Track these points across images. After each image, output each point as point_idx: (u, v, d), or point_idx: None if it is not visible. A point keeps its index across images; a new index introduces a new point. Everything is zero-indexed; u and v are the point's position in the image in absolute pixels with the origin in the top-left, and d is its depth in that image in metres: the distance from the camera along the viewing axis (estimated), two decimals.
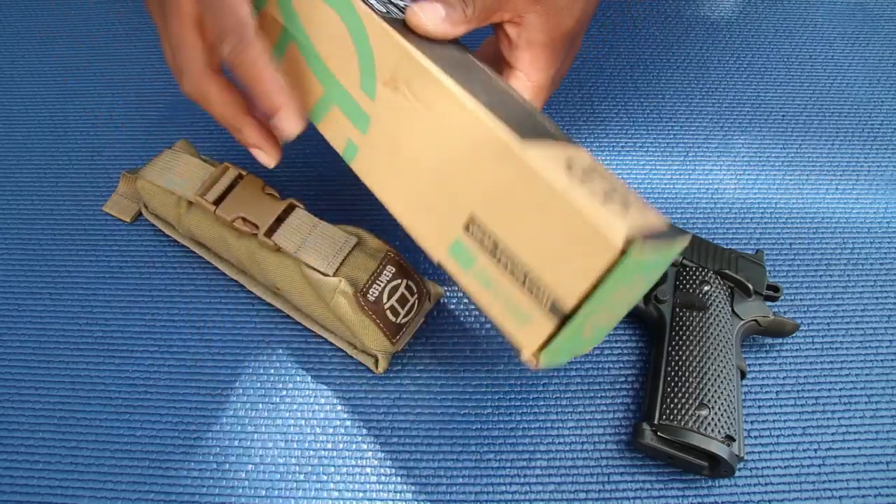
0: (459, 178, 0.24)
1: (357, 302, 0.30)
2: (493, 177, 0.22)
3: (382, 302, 0.30)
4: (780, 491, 0.31)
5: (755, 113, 0.45)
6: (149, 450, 0.32)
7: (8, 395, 0.33)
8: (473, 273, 0.24)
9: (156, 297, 0.36)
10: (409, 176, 0.26)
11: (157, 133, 0.43)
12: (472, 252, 0.24)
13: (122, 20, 0.50)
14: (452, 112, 0.23)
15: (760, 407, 0.33)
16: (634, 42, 0.48)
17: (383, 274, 0.30)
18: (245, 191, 0.34)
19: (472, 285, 0.24)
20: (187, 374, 0.34)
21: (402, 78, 0.25)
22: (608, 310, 0.22)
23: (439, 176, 0.24)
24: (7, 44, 0.48)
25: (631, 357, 0.35)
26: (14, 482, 0.31)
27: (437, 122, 0.24)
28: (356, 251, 0.31)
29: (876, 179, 0.42)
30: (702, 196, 0.41)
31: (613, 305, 0.22)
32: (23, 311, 0.36)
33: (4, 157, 0.42)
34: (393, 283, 0.30)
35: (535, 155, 0.21)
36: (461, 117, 0.23)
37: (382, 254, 0.31)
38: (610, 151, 0.43)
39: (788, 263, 0.38)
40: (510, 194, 0.22)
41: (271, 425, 0.32)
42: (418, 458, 0.32)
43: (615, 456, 0.32)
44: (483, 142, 0.22)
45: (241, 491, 0.31)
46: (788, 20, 0.50)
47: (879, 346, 0.35)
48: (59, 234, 0.39)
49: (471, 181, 0.23)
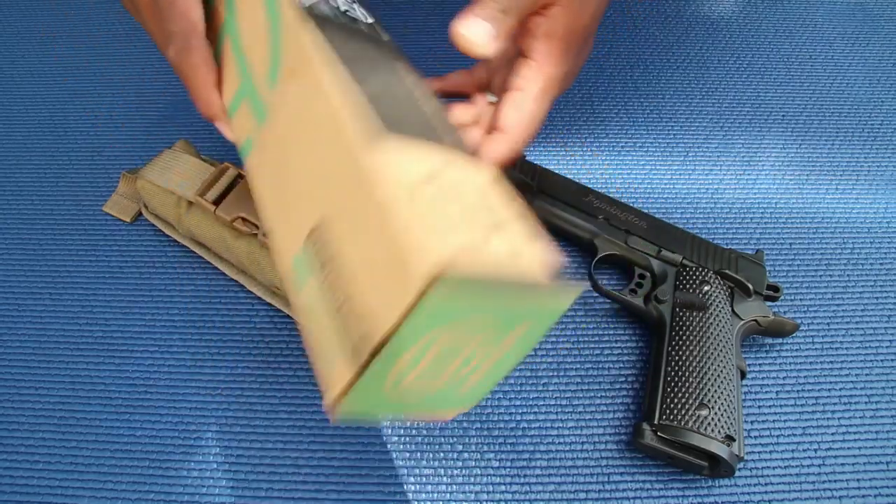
0: (316, 177, 0.20)
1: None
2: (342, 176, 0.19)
3: None
4: (780, 491, 0.31)
5: (755, 113, 0.45)
6: (149, 450, 0.32)
7: (8, 394, 0.33)
8: (304, 294, 0.20)
9: (156, 296, 0.36)
10: (279, 171, 0.23)
11: (156, 133, 0.43)
12: (309, 266, 0.20)
13: (122, 20, 0.50)
14: (319, 103, 0.20)
15: (760, 407, 0.33)
16: (634, 42, 0.48)
17: None
18: (245, 191, 0.34)
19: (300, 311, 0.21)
20: (187, 374, 0.34)
21: (298, 66, 0.22)
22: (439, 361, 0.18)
23: (301, 175, 0.21)
24: (7, 44, 0.48)
25: (631, 357, 0.35)
26: (14, 482, 0.31)
27: (308, 114, 0.21)
28: None
29: (876, 179, 0.42)
30: (702, 196, 0.41)
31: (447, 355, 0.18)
32: (23, 310, 0.36)
33: (5, 157, 0.42)
34: None
35: (383, 158, 0.18)
36: (324, 108, 0.20)
37: None
38: (610, 151, 0.43)
39: (788, 263, 0.38)
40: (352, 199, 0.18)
41: (270, 425, 0.32)
42: (419, 458, 0.32)
43: (615, 456, 0.32)
44: (336, 137, 0.19)
45: (241, 491, 0.31)
46: (788, 20, 0.50)
47: (879, 345, 0.35)
48: (60, 233, 0.39)
49: (325, 181, 0.20)
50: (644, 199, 0.41)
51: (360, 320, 0.17)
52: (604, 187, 0.41)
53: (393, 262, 0.16)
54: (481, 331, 0.18)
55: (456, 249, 0.16)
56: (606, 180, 0.41)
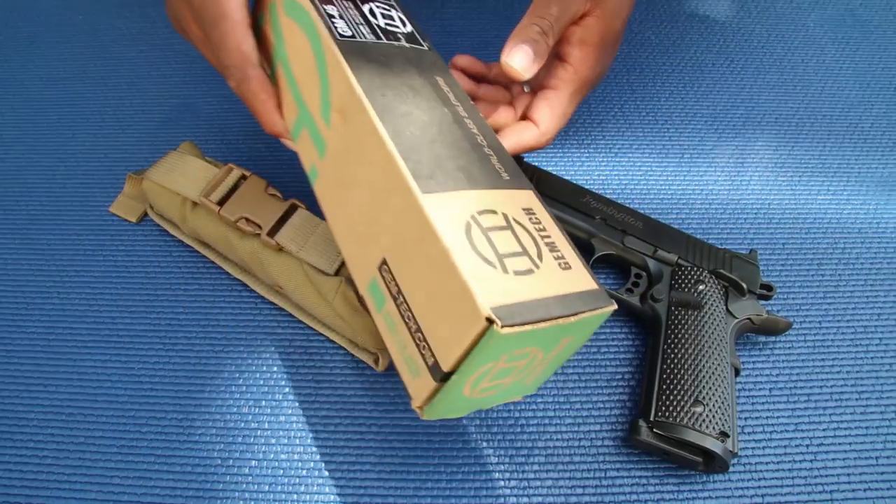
0: (379, 217, 0.23)
1: (358, 301, 0.31)
2: (400, 221, 0.22)
3: None
4: (773, 486, 0.31)
5: (749, 115, 0.45)
6: (154, 446, 0.32)
7: (17, 391, 0.34)
8: (383, 314, 0.23)
9: (161, 296, 0.37)
10: (346, 207, 0.26)
11: (162, 135, 0.44)
12: (384, 293, 0.23)
13: (129, 24, 0.50)
14: (377, 149, 0.23)
15: (754, 403, 0.34)
16: (630, 46, 0.49)
17: None
18: (248, 191, 0.34)
19: (381, 326, 0.24)
20: (192, 372, 0.35)
21: (347, 108, 0.25)
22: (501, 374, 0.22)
23: (364, 212, 0.24)
24: (18, 49, 0.49)
25: (627, 355, 0.35)
26: (24, 476, 0.32)
27: (367, 156, 0.24)
28: None
29: (866, 181, 0.42)
30: (696, 197, 0.41)
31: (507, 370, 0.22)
32: (31, 309, 0.37)
33: (15, 159, 0.43)
34: None
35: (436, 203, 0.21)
36: (381, 155, 0.23)
37: None
38: (606, 154, 0.43)
39: (781, 263, 0.39)
40: (411, 242, 0.21)
41: (274, 422, 0.33)
42: (418, 455, 0.32)
43: (612, 452, 0.32)
44: (394, 184, 0.22)
45: (245, 487, 0.31)
46: (781, 25, 0.51)
47: (870, 343, 0.36)
48: (67, 234, 0.40)
49: (386, 222, 0.23)
50: (640, 200, 0.41)
51: (432, 349, 0.21)
52: (600, 188, 0.42)
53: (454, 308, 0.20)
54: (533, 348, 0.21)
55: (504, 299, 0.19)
56: (603, 181, 0.42)
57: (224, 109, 0.45)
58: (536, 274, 0.21)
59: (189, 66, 0.48)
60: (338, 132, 0.25)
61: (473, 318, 0.19)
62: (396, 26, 0.29)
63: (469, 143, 0.24)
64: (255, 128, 0.44)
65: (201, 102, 0.46)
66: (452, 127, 0.25)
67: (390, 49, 0.27)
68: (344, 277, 0.31)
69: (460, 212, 0.21)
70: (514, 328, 0.19)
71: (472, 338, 0.19)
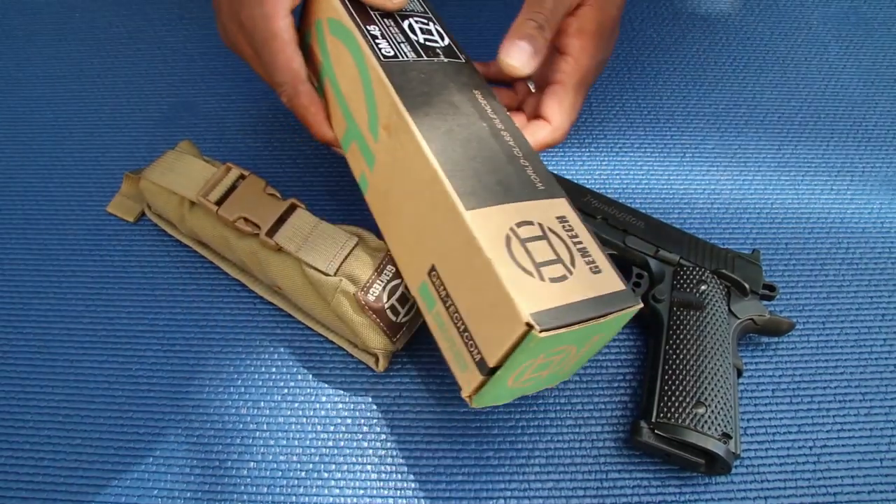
0: (426, 227, 0.26)
1: (357, 301, 0.31)
2: (446, 233, 0.24)
3: (383, 301, 0.31)
4: (776, 488, 0.31)
5: (751, 114, 0.45)
6: (152, 447, 0.32)
7: (13, 392, 0.34)
8: (433, 314, 0.26)
9: (159, 296, 0.37)
10: (396, 215, 0.28)
11: (160, 134, 0.44)
12: (433, 296, 0.26)
13: (125, 22, 0.50)
14: (423, 167, 0.25)
15: (756, 405, 0.34)
16: (632, 44, 0.49)
17: (383, 273, 0.31)
18: (247, 191, 0.34)
19: (432, 325, 0.27)
20: (190, 373, 0.34)
21: (393, 125, 0.27)
22: (540, 368, 0.25)
23: (414, 222, 0.27)
24: (14, 47, 0.49)
25: (629, 356, 0.35)
26: (19, 478, 0.31)
27: (413, 172, 0.26)
28: (357, 251, 0.32)
29: (870, 180, 0.42)
30: (699, 196, 0.41)
31: (545, 364, 0.25)
32: (28, 310, 0.36)
33: (10, 158, 0.43)
34: (393, 282, 0.31)
35: (478, 218, 0.23)
36: (427, 173, 0.25)
37: (383, 253, 0.32)
38: (608, 153, 0.43)
39: (784, 263, 0.39)
40: (456, 252, 0.24)
41: (273, 423, 0.33)
42: (418, 456, 0.32)
43: (613, 453, 0.32)
44: (440, 200, 0.24)
45: (244, 488, 0.31)
46: (784, 23, 0.50)
47: (874, 344, 0.36)
48: (64, 234, 0.39)
49: (433, 233, 0.25)
50: (642, 200, 0.41)
51: (478, 348, 0.24)
52: (602, 188, 0.41)
53: (497, 313, 0.22)
54: (568, 346, 0.24)
55: (541, 305, 0.22)
56: (604, 181, 0.42)
57: (222, 108, 0.45)
58: (570, 280, 0.23)
59: (187, 64, 0.47)
60: (385, 146, 0.28)
61: (514, 322, 0.21)
62: (435, 41, 0.31)
63: (506, 155, 0.26)
64: (254, 127, 0.44)
65: (199, 101, 0.45)
66: (490, 141, 0.27)
67: (430, 66, 0.29)
68: (343, 277, 0.31)
69: (500, 225, 0.23)
70: (551, 332, 0.21)
71: (513, 340, 0.22)
